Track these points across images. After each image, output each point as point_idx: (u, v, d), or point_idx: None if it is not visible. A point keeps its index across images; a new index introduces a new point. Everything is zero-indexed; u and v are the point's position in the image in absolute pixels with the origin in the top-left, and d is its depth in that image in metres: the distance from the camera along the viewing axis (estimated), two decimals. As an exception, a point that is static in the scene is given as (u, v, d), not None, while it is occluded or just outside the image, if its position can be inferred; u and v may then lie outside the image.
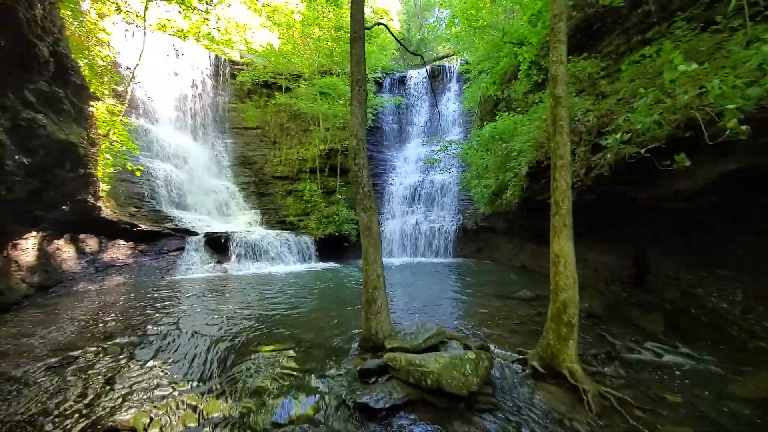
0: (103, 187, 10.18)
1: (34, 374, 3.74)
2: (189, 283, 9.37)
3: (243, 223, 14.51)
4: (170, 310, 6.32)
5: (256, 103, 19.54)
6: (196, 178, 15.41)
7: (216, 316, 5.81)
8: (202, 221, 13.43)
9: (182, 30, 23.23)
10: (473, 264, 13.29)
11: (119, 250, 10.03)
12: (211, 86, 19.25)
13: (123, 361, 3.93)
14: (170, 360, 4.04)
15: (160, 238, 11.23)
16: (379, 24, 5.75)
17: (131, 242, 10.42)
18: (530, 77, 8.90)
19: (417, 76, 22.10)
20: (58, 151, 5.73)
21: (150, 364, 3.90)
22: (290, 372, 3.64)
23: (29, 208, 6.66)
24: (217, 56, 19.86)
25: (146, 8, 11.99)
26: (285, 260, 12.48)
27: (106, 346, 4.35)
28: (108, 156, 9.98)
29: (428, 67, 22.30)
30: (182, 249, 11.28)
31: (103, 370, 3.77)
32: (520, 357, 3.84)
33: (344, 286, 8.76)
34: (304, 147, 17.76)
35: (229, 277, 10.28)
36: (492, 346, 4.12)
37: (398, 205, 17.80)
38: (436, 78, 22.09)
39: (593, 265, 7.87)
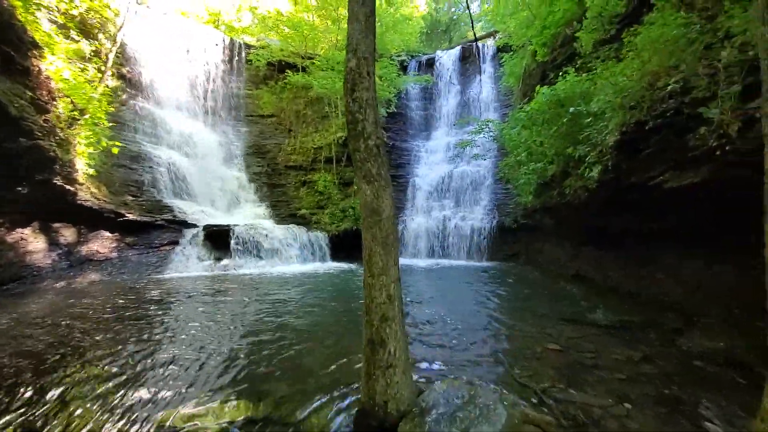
0: (88, 170, 8.96)
1: None
2: (176, 283, 7.90)
3: (250, 215, 13.07)
4: (130, 323, 4.77)
5: (272, 89, 18.19)
6: (204, 166, 14.17)
7: (179, 339, 4.16)
8: (204, 213, 12.10)
9: (201, 18, 22.43)
10: (512, 270, 11.06)
11: (101, 243, 8.76)
12: (225, 71, 18.09)
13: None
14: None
15: (152, 229, 9.92)
16: None
17: (117, 234, 9.14)
18: (600, 27, 6.66)
19: (446, 57, 19.92)
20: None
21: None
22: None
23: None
24: (232, 39, 18.68)
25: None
26: (292, 259, 10.87)
27: None
28: (91, 133, 8.75)
29: (461, 46, 20.13)
30: (177, 243, 9.92)
31: None
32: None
33: (354, 296, 6.94)
34: (320, 134, 16.16)
35: (224, 278, 8.75)
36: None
37: (424, 199, 15.79)
38: (468, 59, 19.84)
39: (706, 284, 5.54)
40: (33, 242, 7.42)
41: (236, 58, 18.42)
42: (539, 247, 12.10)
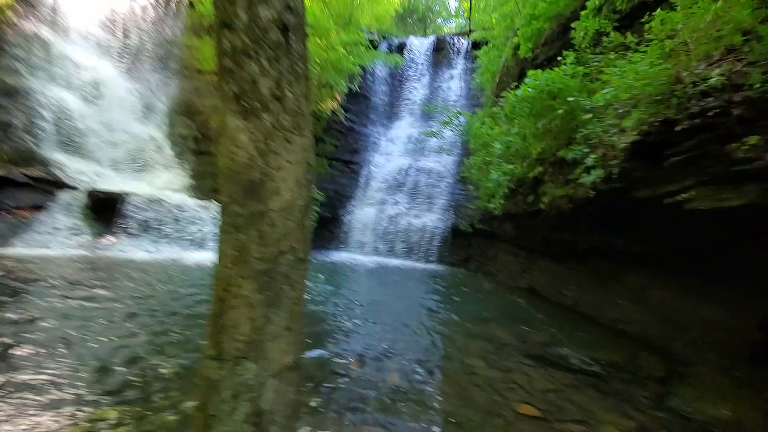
0: None
1: None
2: (23, 263, 5.57)
3: (161, 184, 10.60)
4: None
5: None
6: (111, 118, 11.24)
7: None
8: (99, 175, 9.44)
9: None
10: (464, 277, 10.26)
11: None
12: (158, 11, 14.86)
13: None
14: None
15: (9, 187, 7.22)
16: None
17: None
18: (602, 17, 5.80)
19: (419, 45, 18.68)
20: None
21: None
22: None
23: None
24: (172, -27, 15.41)
25: None
26: (204, 242, 8.80)
27: None
28: None
29: (435, 36, 19.04)
30: (42, 207, 7.34)
31: None
32: None
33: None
34: (268, 102, 13.93)
35: (100, 263, 6.50)
36: None
37: (376, 191, 14.46)
38: (441, 52, 18.79)
39: (683, 317, 4.92)
40: None
41: (175, -5, 15.24)
42: (492, 254, 11.45)
